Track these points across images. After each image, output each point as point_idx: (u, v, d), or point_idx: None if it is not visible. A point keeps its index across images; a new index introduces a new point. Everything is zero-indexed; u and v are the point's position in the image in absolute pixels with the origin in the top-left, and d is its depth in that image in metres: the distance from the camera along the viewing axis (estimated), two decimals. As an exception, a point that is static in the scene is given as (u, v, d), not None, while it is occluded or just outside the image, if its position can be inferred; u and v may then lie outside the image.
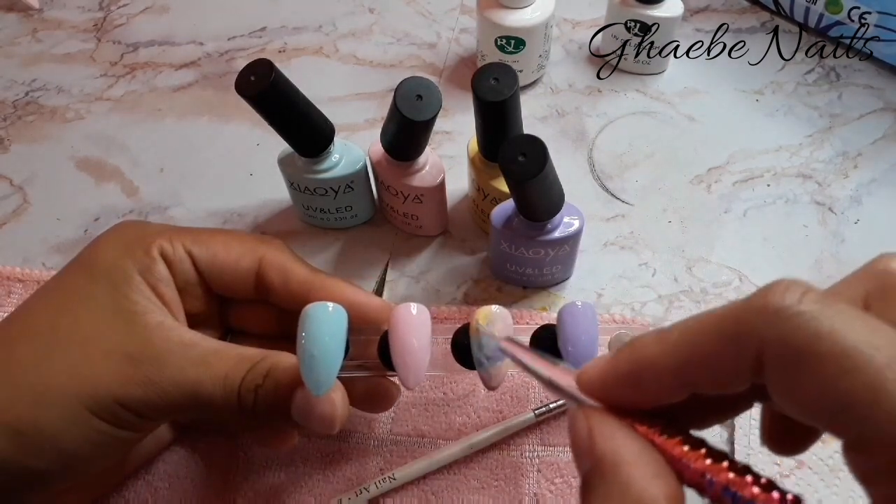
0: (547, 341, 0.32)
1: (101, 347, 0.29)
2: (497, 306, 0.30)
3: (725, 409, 0.23)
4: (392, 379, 0.35)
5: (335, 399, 0.29)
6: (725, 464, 0.18)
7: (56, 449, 0.27)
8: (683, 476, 0.19)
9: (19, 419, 0.27)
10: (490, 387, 0.30)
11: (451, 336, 0.32)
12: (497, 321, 0.29)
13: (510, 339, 0.27)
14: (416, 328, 0.30)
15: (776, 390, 0.18)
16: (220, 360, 0.29)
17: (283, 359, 0.30)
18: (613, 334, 0.35)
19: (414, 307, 0.30)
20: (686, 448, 0.19)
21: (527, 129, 0.38)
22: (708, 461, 0.18)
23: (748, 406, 0.23)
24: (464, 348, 0.31)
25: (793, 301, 0.17)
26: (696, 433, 0.20)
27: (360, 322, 0.33)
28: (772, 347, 0.17)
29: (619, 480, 0.18)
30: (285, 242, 0.36)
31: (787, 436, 0.23)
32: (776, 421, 0.23)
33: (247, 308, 0.36)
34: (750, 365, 0.18)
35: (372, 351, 0.32)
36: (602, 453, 0.19)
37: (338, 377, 0.29)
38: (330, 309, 0.28)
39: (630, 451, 0.19)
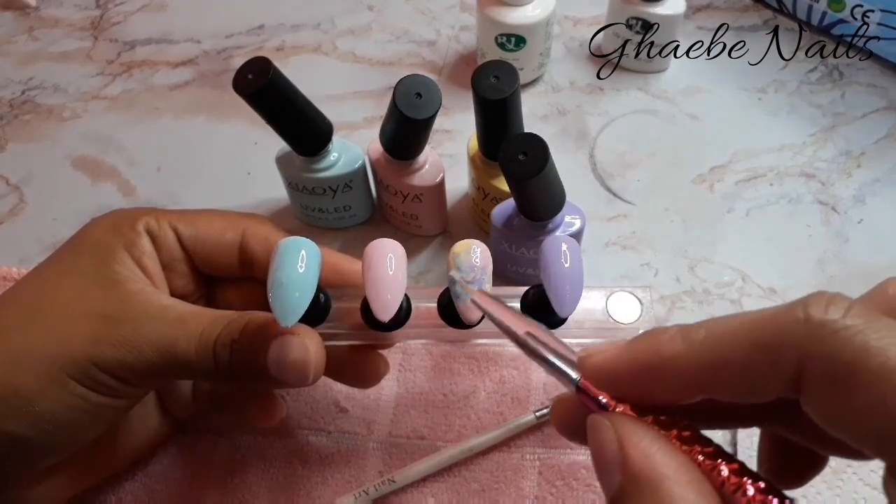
0: (536, 298, 0.31)
1: (80, 311, 0.29)
2: (477, 241, 0.30)
3: (729, 419, 0.22)
4: (380, 352, 0.35)
5: (308, 344, 0.29)
6: (763, 485, 0.17)
7: (34, 413, 0.27)
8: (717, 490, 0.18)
9: None
10: (469, 320, 0.30)
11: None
12: (474, 252, 0.29)
13: (484, 293, 0.26)
14: (390, 258, 0.29)
15: (817, 407, 0.17)
16: (197, 319, 0.29)
17: (260, 315, 0.30)
18: (610, 293, 0.33)
19: (389, 242, 0.30)
20: (720, 462, 0.18)
21: (527, 128, 0.37)
22: (746, 480, 0.17)
23: (753, 423, 0.22)
24: (445, 307, 0.31)
25: (837, 315, 0.17)
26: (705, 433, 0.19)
27: (340, 284, 0.33)
28: (817, 363, 0.16)
29: (661, 500, 0.17)
30: None
31: (789, 466, 0.22)
32: (778, 449, 0.23)
33: (233, 288, 0.36)
34: (786, 378, 0.17)
35: (355, 318, 0.32)
36: (638, 469, 0.17)
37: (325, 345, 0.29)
38: (302, 242, 0.28)
39: (670, 467, 0.17)
